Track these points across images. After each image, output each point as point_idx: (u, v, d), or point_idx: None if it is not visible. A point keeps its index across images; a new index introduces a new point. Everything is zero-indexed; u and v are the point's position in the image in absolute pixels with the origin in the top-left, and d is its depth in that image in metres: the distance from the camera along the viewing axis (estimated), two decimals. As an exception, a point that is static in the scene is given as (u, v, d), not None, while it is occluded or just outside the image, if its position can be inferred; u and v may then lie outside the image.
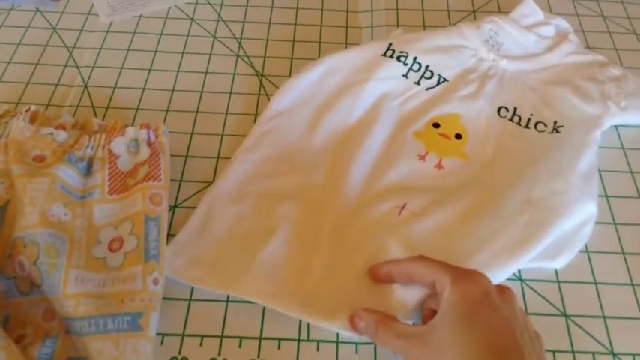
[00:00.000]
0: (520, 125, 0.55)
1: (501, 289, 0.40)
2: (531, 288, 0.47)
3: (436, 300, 0.40)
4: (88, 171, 0.48)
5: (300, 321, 0.45)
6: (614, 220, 0.52)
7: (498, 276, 0.45)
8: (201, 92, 0.60)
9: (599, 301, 0.47)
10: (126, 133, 0.49)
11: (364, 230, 0.48)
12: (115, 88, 0.60)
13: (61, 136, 0.49)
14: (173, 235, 0.48)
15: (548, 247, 0.47)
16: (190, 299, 0.46)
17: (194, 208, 0.50)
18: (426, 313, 0.43)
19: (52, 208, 0.44)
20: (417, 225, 0.48)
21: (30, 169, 0.46)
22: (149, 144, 0.49)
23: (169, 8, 0.68)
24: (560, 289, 0.47)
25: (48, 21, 0.66)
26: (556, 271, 0.48)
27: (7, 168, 0.47)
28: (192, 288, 0.46)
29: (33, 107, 0.52)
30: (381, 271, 0.45)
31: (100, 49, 0.63)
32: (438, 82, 0.57)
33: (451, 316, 0.38)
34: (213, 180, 0.52)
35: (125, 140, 0.49)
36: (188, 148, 0.55)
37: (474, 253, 0.46)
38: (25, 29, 0.65)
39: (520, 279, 0.48)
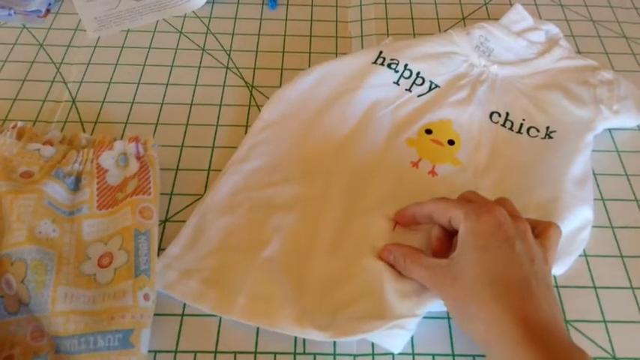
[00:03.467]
0: (512, 130, 0.55)
1: (516, 220, 0.41)
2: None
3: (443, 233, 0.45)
4: (77, 186, 0.47)
5: (296, 334, 0.44)
6: (611, 223, 0.51)
7: None
8: (191, 105, 0.59)
9: (600, 305, 0.46)
10: (114, 146, 0.49)
11: (360, 241, 0.47)
12: (103, 102, 0.59)
13: (48, 151, 0.48)
14: (164, 250, 0.47)
15: (546, 252, 0.46)
16: (183, 314, 0.45)
17: (185, 221, 0.49)
18: (433, 243, 0.46)
19: (39, 225, 0.43)
20: (412, 241, 0.47)
21: (17, 185, 0.45)
22: (138, 157, 0.48)
23: (157, 22, 0.68)
24: (559, 295, 0.46)
25: (35, 37, 0.66)
26: (555, 276, 0.47)
27: (-7, 185, 0.46)
28: (185, 303, 0.45)
29: (19, 123, 0.51)
30: (405, 215, 0.47)
31: (88, 64, 0.63)
32: (430, 89, 0.57)
33: (465, 249, 0.40)
34: (205, 192, 0.52)
35: (114, 154, 0.48)
36: (178, 160, 0.54)
37: None
38: (12, 46, 0.65)
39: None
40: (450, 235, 0.45)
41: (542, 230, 0.43)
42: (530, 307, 0.37)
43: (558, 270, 0.47)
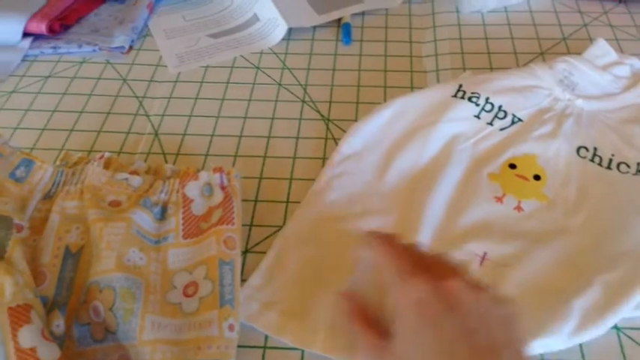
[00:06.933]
0: (602, 166, 0.53)
1: (438, 286, 0.34)
2: (629, 337, 0.44)
3: None
4: (163, 215, 0.48)
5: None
6: None
7: (593, 332, 0.43)
8: (269, 137, 0.60)
9: None
10: (199, 177, 0.49)
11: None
12: (184, 135, 0.60)
13: (136, 181, 0.49)
14: (246, 281, 0.47)
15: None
16: (265, 346, 0.44)
17: (265, 252, 0.49)
18: None
19: (127, 253, 0.44)
20: (502, 277, 0.46)
21: (106, 213, 0.46)
22: (222, 187, 0.49)
23: (235, 58, 0.69)
24: (662, 339, 0.44)
25: (118, 72, 0.68)
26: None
27: (82, 213, 0.47)
28: (267, 335, 0.44)
29: (107, 154, 0.52)
30: None
31: (169, 98, 0.64)
32: (512, 122, 0.56)
33: (404, 330, 0.34)
34: (284, 224, 0.51)
35: (199, 184, 0.49)
36: (257, 192, 0.54)
37: (565, 310, 0.43)
38: (97, 80, 0.67)
39: (616, 327, 0.44)
40: None
41: None
42: None
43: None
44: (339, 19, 0.74)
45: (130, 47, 0.71)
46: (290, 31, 0.71)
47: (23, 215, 0.47)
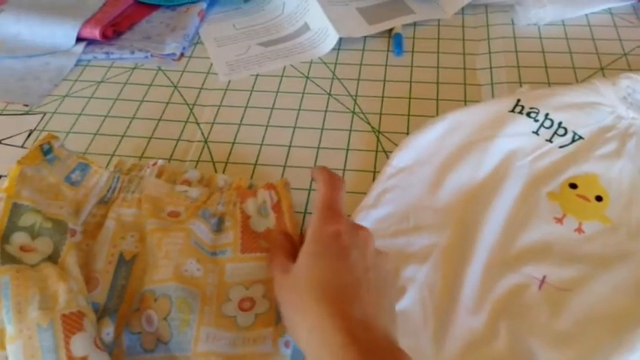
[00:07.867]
0: (667, 188, 0.51)
1: (356, 230, 0.41)
2: None
3: None
4: (219, 227, 0.48)
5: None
6: None
7: None
8: (318, 148, 0.59)
9: None
10: (258, 195, 0.49)
11: (503, 300, 0.45)
12: (233, 143, 0.60)
13: (195, 192, 0.49)
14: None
15: None
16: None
17: (316, 266, 0.48)
18: None
19: (185, 263, 0.43)
20: (562, 302, 0.44)
21: (165, 223, 0.46)
22: (272, 207, 0.48)
23: (285, 67, 0.69)
24: None
25: (169, 79, 0.68)
26: None
27: (139, 222, 0.47)
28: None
29: (160, 162, 0.52)
30: None
31: (219, 106, 0.64)
32: (573, 140, 0.54)
33: (303, 256, 0.40)
34: (335, 238, 0.50)
35: (257, 202, 0.49)
36: (306, 204, 0.54)
37: (630, 339, 0.41)
38: (148, 87, 0.68)
39: None
40: None
41: None
42: (353, 311, 0.36)
43: None
44: (390, 30, 0.73)
45: (182, 54, 0.72)
46: (340, 40, 0.70)
47: (77, 220, 0.47)
